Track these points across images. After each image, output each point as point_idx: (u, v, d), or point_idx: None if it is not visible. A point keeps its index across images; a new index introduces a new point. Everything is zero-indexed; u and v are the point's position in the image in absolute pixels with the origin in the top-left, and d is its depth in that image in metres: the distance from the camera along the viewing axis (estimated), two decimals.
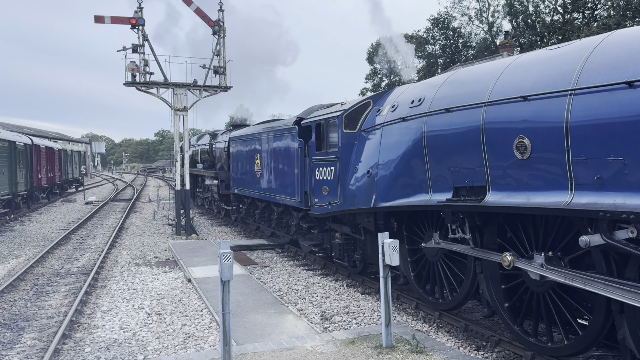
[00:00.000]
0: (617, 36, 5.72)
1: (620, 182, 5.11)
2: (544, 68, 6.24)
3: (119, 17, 17.25)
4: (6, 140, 22.45)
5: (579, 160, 5.50)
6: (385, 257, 6.77)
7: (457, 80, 7.91)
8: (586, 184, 5.44)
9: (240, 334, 7.62)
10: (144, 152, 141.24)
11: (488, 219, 7.17)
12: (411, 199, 8.30)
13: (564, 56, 6.11)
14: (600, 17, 36.28)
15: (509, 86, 6.54)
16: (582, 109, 5.45)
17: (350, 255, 11.25)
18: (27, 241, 17.39)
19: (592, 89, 5.40)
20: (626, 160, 5.03)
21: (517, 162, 6.24)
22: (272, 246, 15.78)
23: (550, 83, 5.93)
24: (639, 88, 4.96)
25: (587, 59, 5.68)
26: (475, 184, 7.01)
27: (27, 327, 8.58)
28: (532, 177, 6.08)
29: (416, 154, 8.16)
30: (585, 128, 5.39)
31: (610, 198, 5.16)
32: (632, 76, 5.02)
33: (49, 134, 64.41)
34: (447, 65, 43.81)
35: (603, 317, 5.73)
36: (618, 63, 5.29)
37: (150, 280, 11.73)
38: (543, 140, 5.88)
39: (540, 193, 5.93)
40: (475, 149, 6.88)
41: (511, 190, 6.39)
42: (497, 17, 47.59)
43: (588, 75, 5.51)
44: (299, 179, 12.52)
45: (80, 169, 45.48)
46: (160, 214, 25.15)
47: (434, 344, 6.97)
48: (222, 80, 18.58)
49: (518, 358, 6.86)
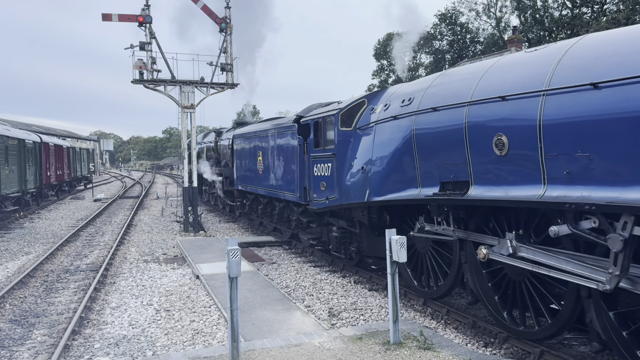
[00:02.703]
0: (587, 40, 6.13)
1: (586, 177, 5.51)
2: (521, 69, 6.65)
3: (126, 15, 17.30)
4: (15, 138, 22.62)
5: (550, 156, 5.90)
6: (392, 253, 6.76)
7: (444, 81, 8.32)
8: (557, 178, 5.85)
9: (248, 330, 7.65)
10: (151, 150, 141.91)
11: (471, 212, 7.60)
12: (402, 194, 8.72)
13: (539, 58, 6.50)
14: (610, 11, 35.94)
15: (489, 87, 6.92)
16: (553, 109, 5.84)
17: (347, 248, 11.67)
18: (36, 238, 17.54)
19: (562, 90, 5.78)
20: (592, 156, 5.42)
21: (496, 158, 6.66)
22: (279, 243, 15.81)
23: (526, 84, 6.31)
24: (603, 89, 5.32)
25: (559, 62, 6.07)
26: (459, 179, 7.43)
27: (37, 323, 8.66)
28: (509, 172, 6.51)
29: (406, 150, 8.58)
30: (556, 126, 5.80)
31: (578, 191, 5.56)
32: (597, 78, 5.38)
33: (58, 131, 64.85)
34: (454, 61, 43.59)
35: (573, 303, 6.17)
36: (586, 65, 5.67)
37: (158, 276, 11.80)
38: (519, 137, 6.28)
39: (517, 187, 6.36)
40: (459, 146, 7.29)
41: (491, 184, 6.82)
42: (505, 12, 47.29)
43: (559, 76, 5.90)
44: (299, 175, 12.91)
45: (88, 166, 45.75)
46: (168, 211, 25.27)
47: (441, 341, 6.96)
48: (229, 78, 18.61)
49: (526, 355, 6.84)
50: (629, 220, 5.15)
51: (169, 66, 17.86)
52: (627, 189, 5.07)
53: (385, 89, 10.66)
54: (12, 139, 21.95)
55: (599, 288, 5.56)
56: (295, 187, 13.12)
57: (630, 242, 5.19)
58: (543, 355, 6.57)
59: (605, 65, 5.44)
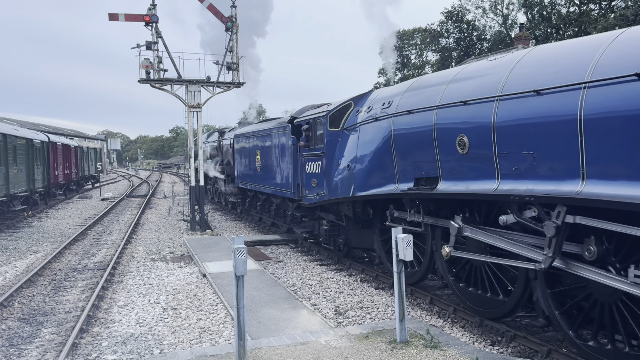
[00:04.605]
0: (536, 51, 6.90)
1: (531, 172, 6.28)
2: (482, 77, 7.40)
3: (132, 15, 17.34)
4: (24, 137, 22.76)
5: (502, 155, 6.67)
6: (398, 252, 6.75)
7: (418, 86, 9.14)
8: (508, 174, 6.64)
9: (255, 328, 7.66)
10: (158, 149, 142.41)
11: (440, 205, 8.45)
12: (382, 189, 9.57)
13: (497, 67, 7.25)
14: (618, 7, 35.65)
15: (454, 92, 7.70)
16: (505, 112, 6.61)
17: (335, 240, 12.52)
18: (44, 237, 17.65)
19: (512, 96, 6.55)
20: (535, 154, 6.17)
21: (459, 156, 7.45)
22: (285, 241, 15.85)
23: (484, 90, 7.06)
24: (544, 95, 6.08)
25: (511, 70, 6.82)
26: (430, 175, 8.27)
27: (45, 321, 8.72)
28: (470, 169, 7.31)
29: (386, 150, 9.36)
30: (506, 128, 6.56)
31: (525, 185, 6.32)
32: (539, 85, 6.15)
33: (65, 131, 65.24)
34: (461, 59, 43.39)
35: (523, 285, 7.00)
36: (532, 74, 6.44)
37: (165, 275, 11.85)
38: (477, 138, 7.05)
39: (476, 182, 7.16)
40: (429, 146, 8.10)
41: (456, 179, 7.65)
42: (512, 10, 47.05)
43: (511, 84, 6.67)
44: (293, 172, 13.76)
45: (96, 165, 45.98)
46: (175, 210, 25.35)
47: (448, 339, 6.93)
48: (235, 77, 18.63)
49: (533, 353, 6.81)
50: (561, 210, 5.88)
51: (176, 65, 17.89)
52: (563, 182, 5.80)
53: (371, 92, 11.39)
54: (20, 139, 22.08)
55: (536, 268, 6.35)
56: (290, 184, 13.92)
57: (563, 228, 5.90)
58: (550, 353, 6.54)
59: (547, 74, 6.20)
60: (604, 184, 5.35)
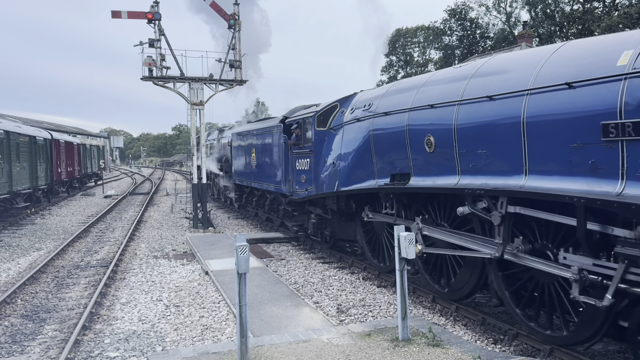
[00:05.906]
0: (494, 59, 7.76)
1: (485, 169, 7.05)
2: (447, 82, 8.19)
3: (135, 12, 17.35)
4: (27, 135, 22.79)
5: (462, 153, 7.44)
6: (401, 249, 6.74)
7: (395, 89, 9.88)
8: (467, 170, 7.42)
9: (257, 326, 7.67)
10: (161, 146, 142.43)
11: (412, 198, 9.24)
12: (363, 184, 10.33)
13: (460, 74, 7.97)
14: (622, 5, 35.50)
15: (424, 96, 8.48)
16: (463, 115, 7.38)
17: (323, 232, 13.45)
18: (47, 234, 17.70)
19: (470, 100, 7.31)
20: (488, 153, 6.95)
21: (427, 154, 8.26)
22: (288, 239, 15.86)
23: (448, 95, 7.84)
24: (496, 100, 6.81)
25: (472, 77, 7.57)
26: (403, 172, 9.04)
27: (48, 318, 8.74)
28: (436, 166, 8.11)
29: (366, 148, 10.13)
30: (465, 129, 7.33)
31: (480, 180, 7.10)
32: (492, 91, 6.88)
33: (68, 128, 65.33)
34: (464, 57, 43.26)
35: (479, 270, 7.90)
36: (487, 81, 7.17)
37: (168, 272, 11.86)
38: (442, 137, 7.82)
39: (441, 177, 7.97)
40: (402, 145, 8.86)
41: (425, 175, 8.44)
42: (515, 7, 46.91)
43: (470, 89, 7.42)
44: (284, 169, 14.56)
45: (99, 163, 46.05)
46: (177, 207, 25.38)
47: (450, 337, 6.93)
48: (237, 74, 18.61)
49: (536, 351, 6.80)
50: (504, 201, 6.72)
51: (178, 63, 17.89)
52: (510, 177, 6.59)
53: (355, 94, 12.04)
54: (23, 136, 22.12)
55: (491, 257, 7.09)
56: (282, 181, 14.76)
57: (507, 217, 6.75)
58: (553, 352, 6.53)
59: (499, 81, 6.92)
60: (542, 179, 6.14)
